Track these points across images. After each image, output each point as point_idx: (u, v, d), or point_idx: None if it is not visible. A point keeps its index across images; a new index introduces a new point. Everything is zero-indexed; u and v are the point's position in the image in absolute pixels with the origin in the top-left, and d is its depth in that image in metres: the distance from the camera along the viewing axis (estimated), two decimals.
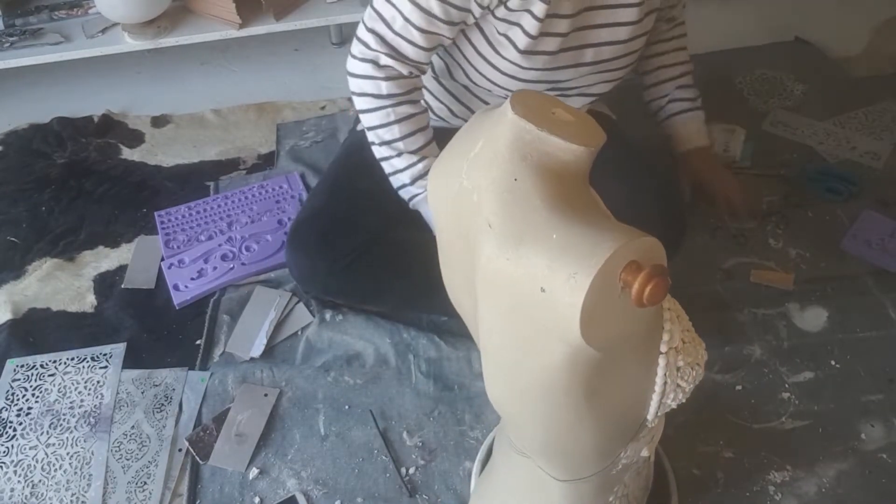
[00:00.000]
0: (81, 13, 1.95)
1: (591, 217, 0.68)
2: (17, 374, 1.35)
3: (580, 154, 0.69)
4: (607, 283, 0.62)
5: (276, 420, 1.26)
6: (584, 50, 1.15)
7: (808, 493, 1.14)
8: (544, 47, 1.12)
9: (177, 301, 1.44)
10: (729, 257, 1.49)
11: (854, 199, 1.57)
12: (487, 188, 0.70)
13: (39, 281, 1.51)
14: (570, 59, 1.16)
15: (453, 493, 1.16)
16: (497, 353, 0.75)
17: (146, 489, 1.18)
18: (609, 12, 1.12)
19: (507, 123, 0.69)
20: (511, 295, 0.68)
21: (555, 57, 1.14)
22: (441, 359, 1.33)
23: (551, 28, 1.10)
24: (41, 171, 1.77)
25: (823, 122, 1.77)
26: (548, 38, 1.11)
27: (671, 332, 0.74)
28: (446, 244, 0.83)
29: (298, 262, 1.30)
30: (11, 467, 1.22)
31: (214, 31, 1.89)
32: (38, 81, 2.02)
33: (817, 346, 1.33)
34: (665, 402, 0.79)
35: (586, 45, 1.15)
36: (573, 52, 1.15)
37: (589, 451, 0.81)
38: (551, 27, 1.10)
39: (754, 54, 2.00)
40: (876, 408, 1.24)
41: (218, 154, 1.81)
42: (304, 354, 1.35)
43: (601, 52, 1.16)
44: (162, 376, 1.33)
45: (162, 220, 1.60)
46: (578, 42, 1.14)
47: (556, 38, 1.12)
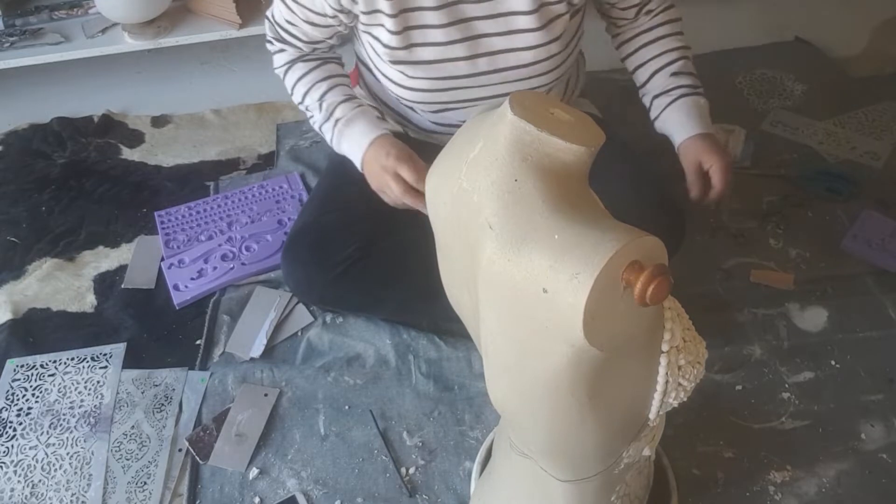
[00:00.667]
0: (81, 13, 1.95)
1: (592, 217, 0.68)
2: (17, 374, 1.35)
3: (580, 154, 0.69)
4: (610, 283, 0.62)
5: (276, 420, 1.26)
6: (476, 60, 1.15)
7: (808, 493, 1.14)
8: (418, 57, 1.14)
9: (177, 301, 1.44)
10: (729, 257, 1.49)
11: (854, 199, 1.57)
12: (488, 189, 0.70)
13: (39, 281, 1.51)
14: (463, 69, 1.16)
15: (453, 493, 1.16)
16: (499, 354, 0.75)
17: (146, 489, 1.18)
18: (502, 20, 1.12)
19: (507, 124, 0.69)
20: (513, 296, 0.68)
21: (439, 66, 1.15)
22: (441, 359, 1.33)
23: (420, 38, 1.13)
24: (41, 171, 1.77)
25: (823, 122, 1.77)
26: (419, 49, 1.14)
27: (672, 330, 0.74)
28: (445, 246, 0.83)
29: (294, 274, 1.31)
30: (11, 467, 1.22)
31: (214, 31, 1.89)
32: (38, 81, 2.02)
33: (817, 346, 1.33)
34: (667, 401, 0.79)
35: (478, 55, 1.15)
36: (462, 62, 1.15)
37: (591, 450, 0.81)
38: (418, 37, 1.13)
39: (754, 54, 2.00)
40: (876, 408, 1.24)
41: (218, 154, 1.81)
42: (305, 355, 1.35)
43: (498, 60, 1.15)
44: (162, 376, 1.33)
45: (162, 220, 1.60)
46: (467, 52, 1.14)
47: (429, 47, 1.13)
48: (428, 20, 1.12)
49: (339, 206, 1.32)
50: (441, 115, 1.26)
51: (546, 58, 1.16)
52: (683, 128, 1.22)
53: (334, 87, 1.27)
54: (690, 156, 1.20)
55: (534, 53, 1.15)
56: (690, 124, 1.21)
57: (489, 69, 1.16)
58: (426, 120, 1.30)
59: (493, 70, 1.16)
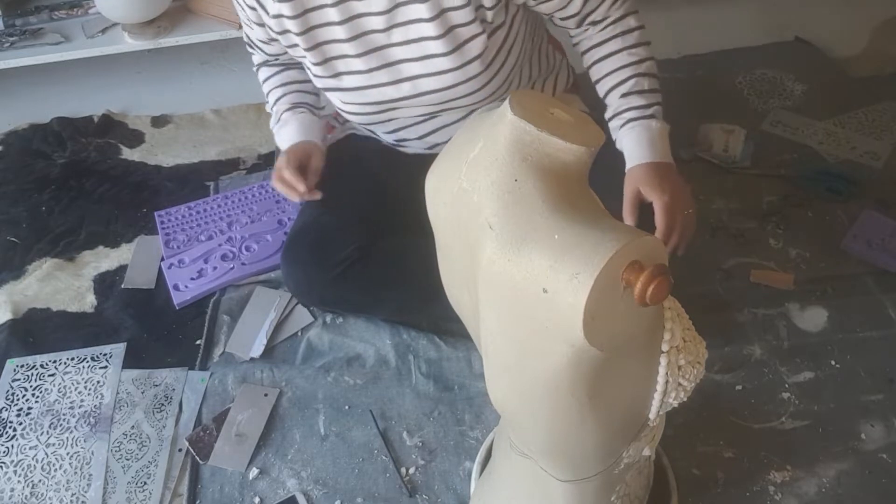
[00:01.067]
0: (81, 13, 1.95)
1: (592, 217, 0.68)
2: (17, 374, 1.35)
3: (580, 154, 0.69)
4: (610, 283, 0.62)
5: (276, 420, 1.26)
6: (399, 85, 1.16)
7: (808, 493, 1.14)
8: (346, 84, 1.18)
9: (177, 301, 1.44)
10: (729, 257, 1.49)
11: (854, 199, 1.57)
12: (488, 189, 0.70)
13: (39, 281, 1.51)
14: (389, 94, 1.17)
15: (453, 493, 1.16)
16: (499, 354, 0.75)
17: (146, 489, 1.18)
18: (415, 46, 1.12)
19: (507, 125, 0.69)
20: (513, 296, 0.68)
21: (366, 92, 1.18)
22: (441, 359, 1.33)
23: (343, 67, 1.16)
24: (41, 171, 1.77)
25: (823, 122, 1.77)
26: (345, 76, 1.17)
27: (672, 330, 0.74)
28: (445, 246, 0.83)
29: (293, 275, 1.31)
30: (11, 467, 1.22)
31: (214, 31, 1.89)
32: (38, 81, 2.02)
33: (817, 346, 1.33)
34: (667, 401, 0.79)
35: (400, 80, 1.16)
36: (387, 88, 1.17)
37: (591, 450, 0.81)
38: (341, 66, 1.16)
39: (754, 54, 2.00)
40: (876, 408, 1.24)
41: (218, 154, 1.81)
42: (305, 355, 1.35)
43: (419, 84, 1.15)
44: (162, 376, 1.33)
45: (162, 219, 1.60)
46: (389, 78, 1.16)
47: (353, 75, 1.16)
48: (344, 50, 1.14)
49: (338, 207, 1.32)
50: (395, 134, 1.29)
51: (466, 79, 1.14)
52: (630, 156, 1.14)
53: (286, 94, 1.34)
54: (630, 185, 1.12)
55: (452, 76, 1.14)
56: (637, 152, 1.14)
57: (414, 93, 1.17)
58: (386, 137, 1.32)
59: (416, 94, 1.17)
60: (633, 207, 1.12)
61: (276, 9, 1.12)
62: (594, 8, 1.16)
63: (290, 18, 1.12)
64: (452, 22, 1.09)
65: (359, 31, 1.12)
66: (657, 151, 1.13)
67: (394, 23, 1.10)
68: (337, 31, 1.13)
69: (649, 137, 1.14)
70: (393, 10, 1.09)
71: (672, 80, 1.92)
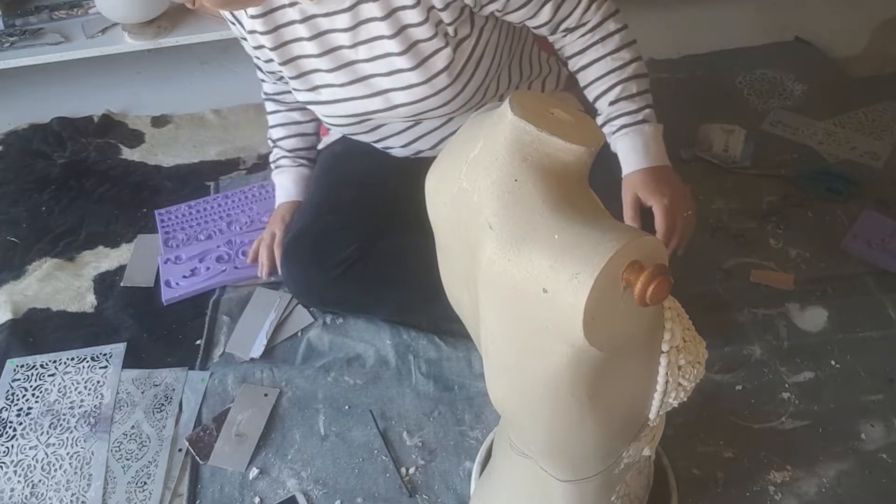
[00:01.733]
0: (81, 13, 1.95)
1: (592, 217, 0.68)
2: (17, 374, 1.34)
3: (580, 154, 0.69)
4: (610, 283, 0.62)
5: (276, 420, 1.26)
6: (371, 99, 1.17)
7: (808, 493, 1.14)
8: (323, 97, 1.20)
9: (165, 297, 1.44)
10: (729, 257, 1.49)
11: (854, 199, 1.57)
12: (488, 189, 0.70)
13: (39, 281, 1.51)
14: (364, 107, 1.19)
15: (453, 493, 1.16)
16: (499, 354, 0.75)
17: (146, 489, 1.18)
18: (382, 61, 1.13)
19: (507, 124, 0.69)
20: (513, 296, 0.68)
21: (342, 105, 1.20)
22: (441, 359, 1.33)
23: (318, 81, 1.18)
24: (41, 171, 1.77)
25: (823, 122, 1.77)
26: (322, 90, 1.19)
27: (672, 330, 0.74)
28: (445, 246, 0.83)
29: (293, 276, 1.31)
30: (11, 467, 1.22)
31: (214, 31, 1.89)
32: (38, 81, 2.02)
33: (817, 346, 1.33)
34: (667, 401, 0.79)
35: (372, 94, 1.17)
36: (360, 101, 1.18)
37: (591, 450, 0.81)
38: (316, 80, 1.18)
39: (754, 54, 2.00)
40: (876, 408, 1.24)
41: (218, 154, 1.81)
42: (305, 355, 1.35)
43: (390, 98, 1.16)
44: (162, 376, 1.33)
45: (162, 218, 1.60)
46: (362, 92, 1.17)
47: (328, 88, 1.18)
48: (317, 65, 1.16)
49: (338, 207, 1.32)
50: (380, 143, 1.31)
51: (434, 93, 1.14)
52: (626, 162, 1.14)
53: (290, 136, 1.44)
54: (628, 191, 1.12)
55: (420, 90, 1.14)
56: (632, 158, 1.13)
57: (387, 106, 1.18)
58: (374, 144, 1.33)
59: (389, 107, 1.18)
60: (635, 213, 1.12)
61: (250, 25, 1.15)
62: (566, 16, 1.14)
63: (263, 34, 1.15)
64: (414, 38, 1.10)
65: (328, 47, 1.14)
66: (652, 155, 1.13)
67: (358, 40, 1.12)
68: (308, 47, 1.14)
69: (643, 142, 1.13)
70: (356, 27, 1.10)
71: (672, 80, 1.92)
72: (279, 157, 1.45)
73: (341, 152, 1.41)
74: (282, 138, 1.44)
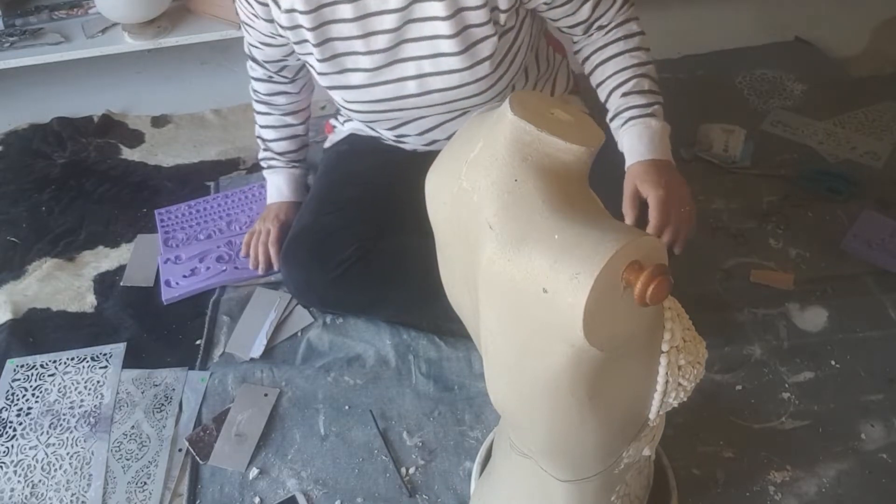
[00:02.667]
0: (81, 13, 1.95)
1: (592, 217, 0.68)
2: (17, 374, 1.34)
3: (580, 154, 0.69)
4: (610, 283, 0.62)
5: (276, 420, 1.26)
6: (405, 83, 1.16)
7: (808, 493, 1.14)
8: (349, 82, 1.18)
9: (165, 297, 1.44)
10: (729, 257, 1.49)
11: (854, 199, 1.57)
12: (488, 189, 0.70)
13: (39, 281, 1.51)
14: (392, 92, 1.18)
15: (453, 493, 1.16)
16: (499, 354, 0.75)
17: (146, 489, 1.18)
18: (427, 43, 1.13)
19: (507, 124, 0.69)
20: (513, 296, 0.68)
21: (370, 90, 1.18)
22: (441, 359, 1.33)
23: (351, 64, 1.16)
24: (41, 171, 1.77)
25: (823, 122, 1.77)
26: (350, 74, 1.17)
27: (672, 330, 0.74)
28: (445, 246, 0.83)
29: (293, 277, 1.31)
30: (11, 467, 1.22)
31: (214, 31, 1.89)
32: (38, 81, 2.02)
33: (817, 346, 1.33)
34: (667, 401, 0.79)
35: (406, 78, 1.16)
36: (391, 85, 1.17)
37: (592, 450, 0.81)
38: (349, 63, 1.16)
39: (754, 54, 2.00)
40: (876, 408, 1.24)
41: (218, 154, 1.81)
42: (305, 355, 1.35)
43: (427, 83, 1.16)
44: (162, 376, 1.33)
45: (162, 218, 1.60)
46: (396, 76, 1.16)
47: (359, 72, 1.17)
48: (354, 47, 1.14)
49: (338, 207, 1.32)
50: (395, 130, 1.30)
51: (472, 80, 1.15)
52: (630, 153, 1.16)
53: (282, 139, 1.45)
54: (628, 182, 1.13)
55: (460, 76, 1.15)
56: (637, 149, 1.15)
57: (420, 91, 1.17)
58: (386, 133, 1.33)
59: (422, 92, 1.17)
60: (633, 203, 1.12)
61: (289, 3, 1.12)
62: (602, 13, 1.18)
63: (302, 13, 1.12)
64: (467, 22, 1.10)
65: (371, 30, 1.12)
66: (656, 149, 1.14)
67: (410, 18, 1.11)
68: (348, 29, 1.13)
69: (649, 135, 1.15)
70: (409, 6, 1.10)
71: (672, 80, 1.92)
72: (270, 158, 1.46)
73: (346, 151, 1.41)
74: (273, 140, 1.45)
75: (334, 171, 1.40)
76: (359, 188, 1.34)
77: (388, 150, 1.36)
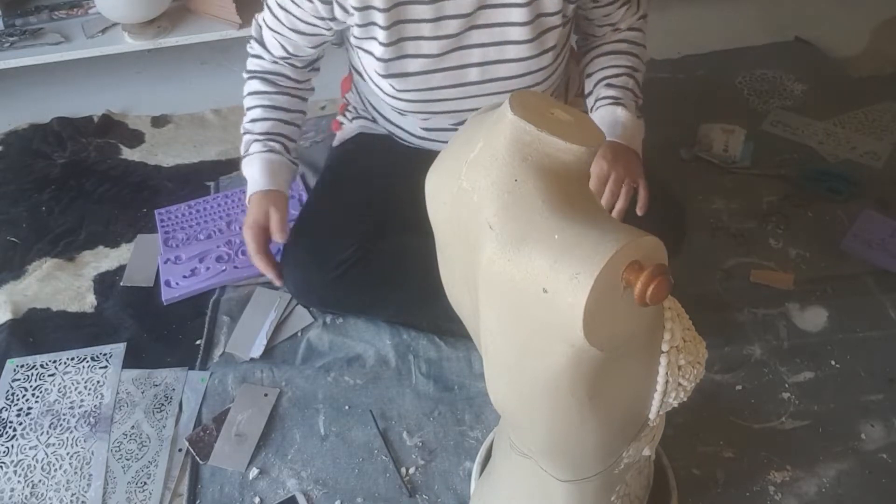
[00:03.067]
0: (81, 13, 1.95)
1: (592, 217, 0.68)
2: (17, 374, 1.35)
3: (580, 154, 0.69)
4: (610, 283, 0.62)
5: (276, 420, 1.26)
6: (467, 70, 1.16)
7: (808, 493, 1.14)
8: (407, 68, 1.15)
9: (165, 297, 1.44)
10: (729, 257, 1.49)
11: (854, 199, 1.57)
12: (488, 189, 0.70)
13: (39, 281, 1.51)
14: (451, 80, 1.17)
15: (453, 493, 1.16)
16: (499, 354, 0.75)
17: (146, 489, 1.18)
18: (497, 30, 1.13)
19: (507, 124, 0.69)
20: (513, 296, 0.68)
21: (428, 77, 1.16)
22: (441, 359, 1.33)
23: (412, 49, 1.14)
24: (41, 171, 1.77)
25: (823, 122, 1.77)
26: (410, 60, 1.15)
27: (672, 330, 0.74)
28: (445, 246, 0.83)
29: (293, 276, 1.31)
30: (11, 467, 1.22)
31: (214, 31, 1.89)
32: (38, 81, 2.02)
33: (817, 346, 1.33)
34: (667, 401, 0.79)
35: (468, 65, 1.16)
36: (452, 72, 1.16)
37: (592, 450, 0.81)
38: (410, 48, 1.14)
39: (754, 54, 2.00)
40: (876, 408, 1.24)
41: (218, 154, 1.81)
42: (305, 355, 1.35)
43: (488, 71, 1.17)
44: (162, 376, 1.33)
45: (162, 218, 1.60)
46: (457, 62, 1.16)
47: (420, 58, 1.15)
48: (422, 31, 1.13)
49: (337, 209, 1.32)
50: (429, 122, 1.28)
51: (536, 69, 1.17)
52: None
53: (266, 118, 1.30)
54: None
55: (525, 65, 1.16)
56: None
57: (479, 79, 1.17)
58: (416, 126, 1.31)
59: (482, 80, 1.17)
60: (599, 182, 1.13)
61: None
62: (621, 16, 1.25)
63: None
64: (541, 10, 1.12)
65: (443, 14, 1.12)
66: (616, 134, 1.18)
67: (483, 4, 1.11)
68: (423, 10, 1.11)
69: (611, 120, 1.19)
70: None
71: (672, 80, 1.92)
72: (250, 143, 1.29)
73: (352, 150, 1.41)
74: (257, 119, 1.30)
75: (337, 169, 1.40)
76: (360, 188, 1.34)
77: (394, 149, 1.36)
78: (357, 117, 1.42)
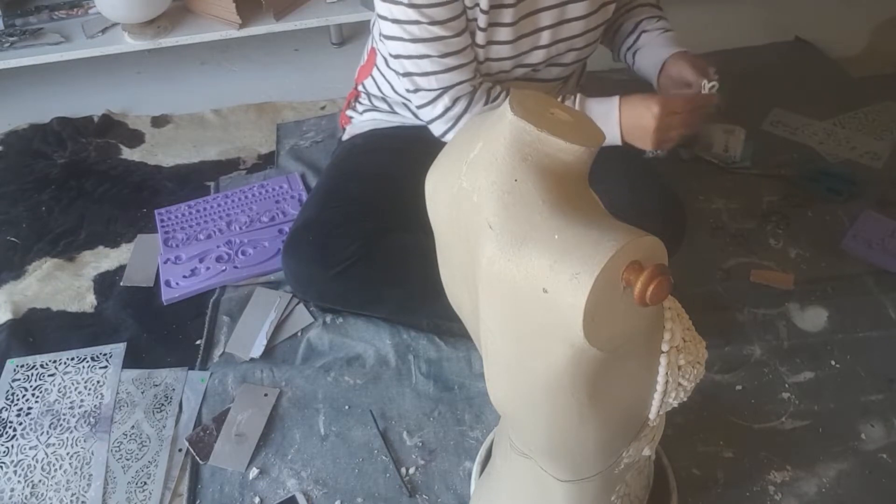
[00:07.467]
0: (81, 13, 1.96)
1: (592, 217, 0.68)
2: (17, 374, 1.35)
3: (580, 154, 0.69)
4: (610, 283, 0.62)
5: (276, 420, 1.26)
6: (540, 33, 1.21)
7: (808, 493, 1.14)
8: (497, 37, 1.19)
9: (165, 297, 1.44)
10: (729, 257, 1.49)
11: (854, 199, 1.57)
12: (488, 189, 0.70)
13: (39, 281, 1.51)
14: (505, 52, 1.21)
15: (453, 493, 1.16)
16: (499, 354, 0.75)
17: (146, 489, 1.18)
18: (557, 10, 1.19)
19: (507, 124, 0.69)
20: (513, 296, 0.68)
21: (514, 45, 1.20)
22: (441, 359, 1.33)
23: (499, 18, 1.17)
24: (41, 171, 1.77)
25: (823, 122, 1.77)
26: (498, 28, 1.18)
27: (672, 330, 0.75)
28: (445, 246, 0.83)
29: (294, 271, 1.31)
30: (11, 467, 1.22)
31: (214, 31, 1.89)
32: (38, 81, 2.02)
33: (817, 346, 1.33)
34: (667, 401, 0.79)
35: (541, 28, 1.20)
36: (507, 46, 1.20)
37: (592, 450, 0.81)
38: (499, 17, 1.17)
39: (754, 54, 2.00)
40: (876, 408, 1.24)
41: (218, 154, 1.81)
42: (305, 355, 1.35)
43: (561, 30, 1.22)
44: (162, 376, 1.33)
45: (162, 218, 1.60)
46: (532, 27, 1.20)
47: (504, 27, 1.18)
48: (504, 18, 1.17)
49: (341, 204, 1.32)
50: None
51: (594, 41, 1.27)
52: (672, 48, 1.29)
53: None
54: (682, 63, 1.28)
55: (588, 37, 1.24)
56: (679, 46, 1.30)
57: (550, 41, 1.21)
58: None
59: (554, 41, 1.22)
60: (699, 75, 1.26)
61: None
62: None
63: None
64: None
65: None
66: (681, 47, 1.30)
67: None
68: None
69: (668, 41, 1.30)
70: None
71: None
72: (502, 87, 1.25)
73: (360, 146, 1.40)
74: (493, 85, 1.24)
75: (344, 164, 1.39)
76: (365, 184, 1.33)
77: (403, 147, 1.35)
78: (369, 109, 1.41)
